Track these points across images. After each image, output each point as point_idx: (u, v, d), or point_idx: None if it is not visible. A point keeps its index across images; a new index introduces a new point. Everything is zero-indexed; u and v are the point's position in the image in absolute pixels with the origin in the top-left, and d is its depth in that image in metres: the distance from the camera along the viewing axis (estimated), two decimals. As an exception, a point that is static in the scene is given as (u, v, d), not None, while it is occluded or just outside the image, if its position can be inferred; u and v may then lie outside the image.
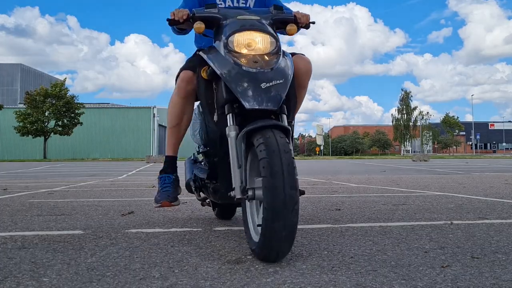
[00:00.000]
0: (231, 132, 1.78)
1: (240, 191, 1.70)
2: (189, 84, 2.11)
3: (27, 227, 2.58)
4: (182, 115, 2.20)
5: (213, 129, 2.00)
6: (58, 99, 35.89)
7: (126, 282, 1.44)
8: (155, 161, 21.64)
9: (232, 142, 1.76)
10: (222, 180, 2.01)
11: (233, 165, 1.74)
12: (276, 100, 1.76)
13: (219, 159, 1.99)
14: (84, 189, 5.57)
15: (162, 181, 2.26)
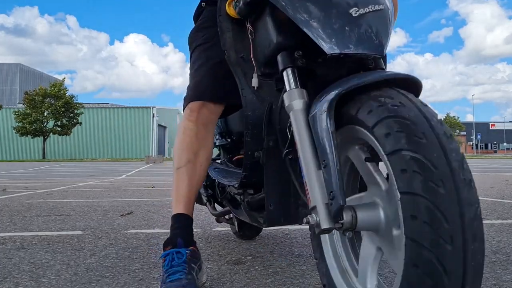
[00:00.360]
0: (294, 102, 1.00)
1: (328, 215, 0.88)
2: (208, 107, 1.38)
3: (26, 227, 2.58)
4: (198, 147, 1.38)
5: (250, 101, 1.21)
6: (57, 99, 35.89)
7: (126, 282, 1.43)
8: (154, 161, 21.65)
9: (299, 120, 0.98)
10: (272, 190, 1.24)
11: (305, 164, 0.95)
12: (379, 38, 1.00)
13: (265, 154, 1.22)
14: (83, 189, 5.57)
15: (168, 262, 1.26)
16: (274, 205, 1.24)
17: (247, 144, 1.25)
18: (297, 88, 1.03)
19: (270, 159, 1.23)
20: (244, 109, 1.21)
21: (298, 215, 1.23)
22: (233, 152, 1.80)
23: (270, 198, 1.24)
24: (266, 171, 1.24)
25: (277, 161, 1.21)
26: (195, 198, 1.42)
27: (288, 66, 1.07)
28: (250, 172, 1.29)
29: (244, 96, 1.21)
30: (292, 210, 1.24)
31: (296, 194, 1.19)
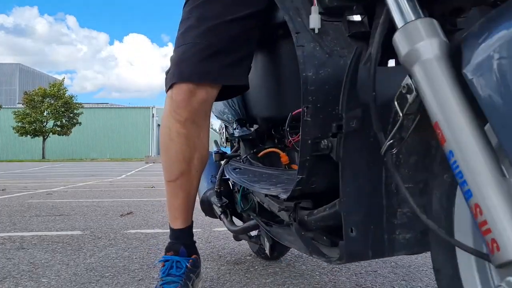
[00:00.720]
0: (422, 45, 0.54)
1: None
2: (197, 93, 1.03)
3: (25, 227, 2.58)
4: (190, 154, 1.12)
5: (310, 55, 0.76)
6: (57, 99, 35.89)
7: (125, 283, 1.43)
8: (154, 161, 21.64)
9: (439, 78, 0.52)
10: (354, 204, 0.75)
11: (469, 167, 0.48)
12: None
13: (342, 142, 0.74)
14: (83, 189, 5.56)
15: (166, 269, 1.18)
16: (359, 228, 0.75)
17: (305, 127, 0.78)
18: (421, 18, 0.56)
19: (350, 150, 0.74)
20: (302, 68, 0.76)
21: (394, 243, 0.77)
22: (259, 145, 1.31)
23: (351, 217, 0.75)
24: (344, 171, 0.74)
25: (362, 153, 0.75)
26: (193, 205, 1.23)
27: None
28: (309, 173, 0.82)
29: (301, 46, 0.76)
30: (386, 236, 0.77)
31: (390, 208, 0.75)
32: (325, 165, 0.80)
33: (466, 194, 0.48)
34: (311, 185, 0.85)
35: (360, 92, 0.71)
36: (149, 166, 16.08)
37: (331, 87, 0.76)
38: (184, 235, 1.23)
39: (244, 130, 1.34)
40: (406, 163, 0.74)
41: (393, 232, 0.77)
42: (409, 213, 0.77)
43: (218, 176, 1.37)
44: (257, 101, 1.22)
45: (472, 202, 0.47)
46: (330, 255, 0.83)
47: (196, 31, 0.98)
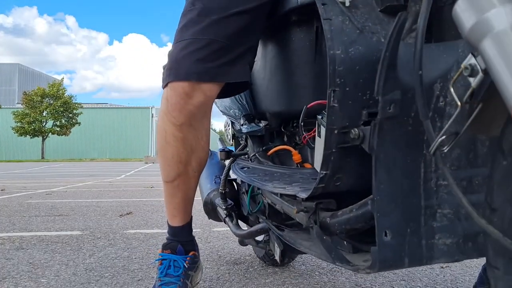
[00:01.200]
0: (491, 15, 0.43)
1: None
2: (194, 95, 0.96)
3: (25, 227, 2.57)
4: (186, 156, 1.07)
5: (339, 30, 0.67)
6: (56, 99, 35.88)
7: (125, 283, 1.43)
8: (153, 161, 21.62)
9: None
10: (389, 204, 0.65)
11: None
12: None
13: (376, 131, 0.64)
14: (82, 189, 5.56)
15: (163, 268, 1.16)
16: (394, 232, 0.66)
17: (332, 115, 0.68)
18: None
19: (386, 141, 0.64)
20: (329, 45, 0.66)
21: (433, 249, 0.68)
22: (268, 143, 1.23)
23: (386, 219, 0.66)
24: (379, 165, 0.65)
25: (399, 145, 0.65)
26: (192, 203, 1.21)
27: None
28: (335, 168, 0.72)
29: (328, 19, 0.67)
30: (424, 241, 0.68)
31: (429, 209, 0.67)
32: (353, 159, 0.71)
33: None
34: (335, 183, 0.73)
35: (401, 73, 0.61)
36: (148, 166, 16.07)
37: (362, 68, 0.66)
38: (182, 233, 1.20)
39: (252, 126, 1.23)
40: (449, 157, 0.65)
41: (432, 237, 0.68)
42: (450, 215, 0.67)
43: (223, 177, 1.27)
44: (267, 95, 1.11)
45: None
46: (357, 263, 0.73)
47: (197, 27, 0.91)
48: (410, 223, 0.66)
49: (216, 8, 0.91)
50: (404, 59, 0.61)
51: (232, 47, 0.91)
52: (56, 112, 35.80)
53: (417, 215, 0.67)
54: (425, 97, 0.55)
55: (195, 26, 0.92)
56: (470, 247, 0.67)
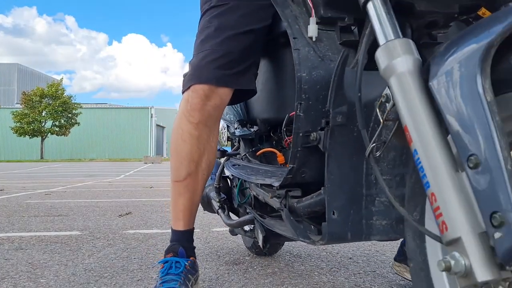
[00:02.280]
0: (398, 61, 0.63)
1: (489, 258, 0.51)
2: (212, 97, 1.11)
3: (24, 228, 2.57)
4: (199, 156, 1.17)
5: (305, 58, 0.87)
6: (55, 99, 35.85)
7: (124, 283, 1.43)
8: (152, 162, 21.62)
9: (410, 89, 0.61)
10: (337, 190, 0.87)
11: (430, 163, 0.57)
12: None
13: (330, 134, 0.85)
14: (82, 189, 5.56)
15: (165, 269, 1.20)
16: (340, 212, 0.85)
17: (298, 121, 0.88)
18: (399, 39, 0.64)
19: (336, 143, 0.84)
20: (297, 68, 0.86)
21: (371, 227, 0.87)
22: (257, 145, 1.43)
23: (334, 202, 0.85)
24: (330, 161, 0.85)
25: (346, 146, 0.85)
26: (197, 207, 1.28)
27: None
28: (300, 163, 0.92)
29: (297, 49, 0.87)
30: (364, 221, 0.87)
31: (370, 197, 0.86)
32: (314, 157, 0.90)
33: (425, 185, 0.58)
34: (301, 175, 0.94)
35: (347, 92, 0.82)
36: (147, 166, 16.06)
37: (322, 87, 0.86)
38: (184, 238, 1.26)
39: (244, 130, 1.42)
40: (386, 158, 0.84)
41: (370, 218, 0.87)
42: (386, 202, 0.86)
43: (218, 173, 1.45)
44: (258, 103, 1.30)
45: (429, 191, 0.57)
46: (314, 238, 0.93)
47: (215, 40, 1.08)
48: (353, 206, 0.86)
49: (229, 26, 1.07)
50: (350, 82, 0.81)
51: (242, 59, 1.07)
52: (55, 112, 35.76)
53: (359, 201, 0.87)
54: (363, 112, 0.73)
55: (212, 40, 1.08)
56: (401, 228, 0.83)
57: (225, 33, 1.07)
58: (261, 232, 1.24)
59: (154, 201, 4.07)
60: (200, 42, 1.12)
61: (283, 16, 0.91)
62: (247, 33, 1.07)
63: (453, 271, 0.52)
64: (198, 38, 1.14)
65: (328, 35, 0.89)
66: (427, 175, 0.57)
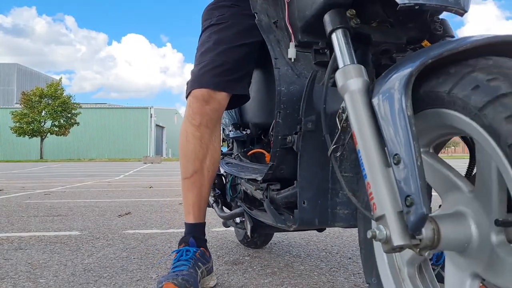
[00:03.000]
0: (351, 82, 0.79)
1: (402, 228, 0.69)
2: (210, 101, 1.25)
3: (23, 228, 2.57)
4: (203, 155, 1.31)
5: (284, 75, 1.05)
6: (54, 99, 35.81)
7: (123, 283, 1.43)
8: (152, 162, 21.62)
9: (358, 104, 0.77)
10: (307, 184, 1.04)
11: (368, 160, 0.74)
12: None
13: (302, 137, 1.03)
14: (81, 189, 5.55)
15: (177, 257, 1.32)
16: (309, 202, 1.03)
17: (277, 126, 1.07)
18: (353, 64, 0.81)
19: (307, 145, 1.02)
20: (277, 83, 1.04)
21: (335, 215, 1.04)
22: (248, 146, 1.61)
23: (304, 194, 1.03)
24: (301, 159, 1.03)
25: (315, 148, 1.02)
26: (206, 202, 1.41)
27: (339, 26, 0.86)
28: (279, 161, 1.11)
29: (278, 68, 1.05)
30: (330, 210, 1.05)
31: (334, 190, 1.02)
32: (290, 156, 1.08)
33: (364, 176, 0.74)
34: (280, 171, 1.13)
35: (316, 104, 1.00)
36: (147, 166, 16.06)
37: (297, 99, 1.03)
38: (195, 229, 1.39)
39: (237, 133, 1.61)
40: (348, 158, 0.98)
41: (335, 208, 1.04)
42: None
43: None
44: (250, 109, 1.47)
45: (366, 181, 0.73)
46: (289, 224, 1.10)
47: (213, 52, 1.24)
48: (320, 197, 1.03)
49: (226, 41, 1.23)
50: (319, 95, 0.99)
51: (237, 68, 1.23)
52: (54, 112, 35.73)
53: (326, 193, 1.04)
54: (327, 120, 0.90)
55: (212, 52, 1.24)
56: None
57: (222, 46, 1.23)
58: (249, 223, 1.40)
59: (154, 201, 4.07)
60: (200, 54, 1.28)
61: (267, 40, 1.08)
62: (241, 46, 1.23)
63: (377, 238, 0.69)
64: (199, 50, 1.30)
65: (305, 56, 1.06)
66: (365, 169, 0.74)
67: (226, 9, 1.31)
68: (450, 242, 0.67)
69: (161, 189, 5.42)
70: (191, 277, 1.20)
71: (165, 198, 4.29)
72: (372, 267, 0.88)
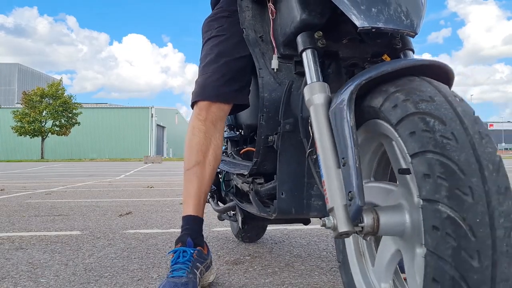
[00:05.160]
0: (315, 97, 0.94)
1: (346, 218, 0.82)
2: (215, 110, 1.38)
3: (24, 227, 2.57)
4: (206, 147, 1.38)
5: (267, 83, 1.19)
6: (55, 99, 35.83)
7: (124, 283, 1.43)
8: (153, 162, 21.63)
9: (319, 115, 0.91)
10: (285, 178, 1.18)
11: (324, 162, 0.88)
12: (412, 15, 0.96)
13: (281, 137, 1.17)
14: (82, 189, 5.56)
15: (174, 258, 1.31)
16: (286, 193, 1.18)
17: (261, 127, 1.22)
18: (318, 82, 0.96)
19: (285, 144, 1.17)
20: (261, 90, 1.19)
21: (310, 206, 1.19)
22: (241, 145, 1.77)
23: (282, 186, 1.18)
24: (280, 157, 1.17)
25: (292, 147, 1.16)
26: (206, 198, 1.43)
27: (308, 47, 1.02)
28: (262, 158, 1.27)
29: (262, 77, 1.19)
30: (305, 201, 1.19)
31: (310, 184, 1.15)
32: (272, 154, 1.22)
33: (321, 175, 0.88)
34: (263, 166, 1.29)
35: (293, 108, 1.14)
36: (147, 166, 16.07)
37: (278, 104, 1.17)
38: (193, 224, 1.38)
39: (231, 133, 1.77)
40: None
41: (310, 199, 1.19)
42: None
43: None
44: (243, 112, 1.56)
45: (323, 179, 0.88)
46: (271, 212, 1.23)
47: (216, 64, 1.35)
48: (297, 190, 1.18)
49: (226, 54, 1.34)
50: (296, 102, 1.13)
51: (238, 79, 1.33)
52: (55, 112, 35.75)
53: (302, 186, 1.18)
54: (303, 126, 1.04)
55: (214, 64, 1.35)
56: None
57: (224, 59, 1.34)
58: (240, 215, 1.56)
59: (154, 201, 4.07)
60: (204, 65, 1.38)
61: (252, 53, 1.22)
62: (240, 59, 1.33)
63: (327, 226, 0.83)
64: (202, 62, 1.40)
65: (287, 67, 1.19)
66: (322, 169, 0.88)
67: (224, 20, 1.40)
68: (387, 230, 0.81)
69: (161, 189, 5.43)
70: (190, 285, 1.21)
71: (166, 198, 4.30)
72: (342, 247, 1.05)
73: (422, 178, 0.67)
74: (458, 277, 0.62)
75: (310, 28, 1.04)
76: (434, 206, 0.65)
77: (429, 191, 0.66)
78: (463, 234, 0.62)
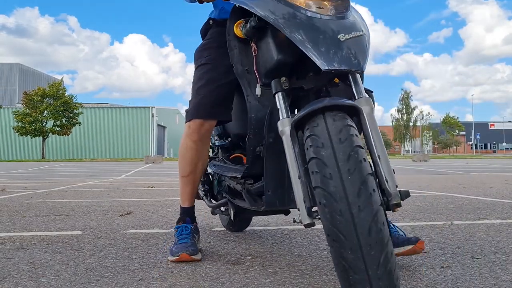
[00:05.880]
0: (285, 129, 1.23)
1: (306, 212, 1.12)
2: (205, 125, 1.72)
3: (25, 227, 2.58)
4: (197, 161, 1.81)
5: (254, 106, 1.49)
6: (56, 99, 35.83)
7: (125, 282, 1.43)
8: (153, 161, 21.63)
9: (288, 142, 1.21)
10: (270, 179, 1.50)
11: (292, 174, 1.17)
12: (360, 57, 1.26)
13: (266, 148, 1.47)
14: (83, 189, 5.56)
15: (179, 232, 1.83)
16: (272, 191, 1.50)
17: (250, 141, 1.53)
18: (286, 118, 1.26)
19: (269, 153, 1.48)
20: (249, 112, 1.50)
21: (290, 200, 1.48)
22: (230, 151, 2.03)
23: (268, 185, 1.50)
24: (266, 163, 1.49)
25: (275, 155, 1.47)
26: (195, 194, 1.94)
27: (278, 91, 1.34)
28: (252, 164, 1.58)
29: (249, 102, 1.49)
30: (286, 196, 1.51)
31: (289, 183, 1.29)
32: (259, 161, 1.51)
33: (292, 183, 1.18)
34: (253, 170, 1.59)
35: (274, 126, 1.34)
36: (148, 166, 16.07)
37: (263, 122, 1.46)
38: (189, 211, 1.91)
39: (222, 141, 2.05)
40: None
41: (290, 195, 1.48)
42: None
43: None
44: (231, 124, 1.85)
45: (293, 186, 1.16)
46: (260, 206, 1.56)
47: (207, 88, 1.70)
48: (280, 188, 1.50)
49: (216, 79, 1.69)
50: (276, 120, 1.30)
51: (224, 100, 1.69)
52: (56, 112, 35.74)
53: (284, 185, 1.49)
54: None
55: (205, 88, 1.70)
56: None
57: (214, 84, 1.68)
58: (232, 209, 1.84)
59: (155, 200, 4.07)
60: (197, 89, 1.72)
61: (241, 82, 1.52)
62: (226, 84, 1.67)
63: (295, 221, 1.14)
64: (196, 84, 1.74)
65: (268, 92, 1.40)
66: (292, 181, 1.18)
67: (213, 50, 1.74)
68: None
69: (162, 189, 5.43)
70: (194, 246, 1.76)
71: (167, 198, 4.30)
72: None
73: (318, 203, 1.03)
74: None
75: (283, 65, 1.35)
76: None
77: (320, 211, 1.04)
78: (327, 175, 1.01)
